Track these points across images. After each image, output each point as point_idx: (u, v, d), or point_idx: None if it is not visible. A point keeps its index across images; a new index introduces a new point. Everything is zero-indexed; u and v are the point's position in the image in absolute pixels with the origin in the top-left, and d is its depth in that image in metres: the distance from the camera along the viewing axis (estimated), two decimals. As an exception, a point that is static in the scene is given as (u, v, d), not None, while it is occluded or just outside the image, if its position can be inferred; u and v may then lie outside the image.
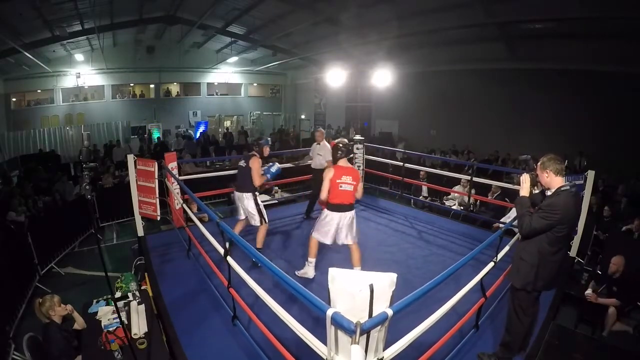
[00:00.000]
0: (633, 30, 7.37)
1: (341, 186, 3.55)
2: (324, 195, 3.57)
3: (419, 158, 10.01)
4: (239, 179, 4.15)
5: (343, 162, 3.66)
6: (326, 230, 3.61)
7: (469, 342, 2.87)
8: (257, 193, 4.12)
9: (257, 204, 4.07)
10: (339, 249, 4.62)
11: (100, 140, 14.28)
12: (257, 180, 3.99)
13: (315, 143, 5.67)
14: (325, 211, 3.66)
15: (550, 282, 2.50)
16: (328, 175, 3.55)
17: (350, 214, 3.63)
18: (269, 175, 4.16)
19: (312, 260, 3.83)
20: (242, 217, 4.23)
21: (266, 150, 4.24)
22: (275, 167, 4.31)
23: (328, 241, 3.66)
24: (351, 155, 3.75)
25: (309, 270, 3.81)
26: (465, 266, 2.49)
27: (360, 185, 3.74)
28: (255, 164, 4.00)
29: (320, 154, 5.52)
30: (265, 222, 4.14)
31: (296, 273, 3.85)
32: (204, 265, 3.91)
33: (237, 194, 4.16)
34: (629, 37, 7.63)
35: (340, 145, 3.70)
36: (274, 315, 2.15)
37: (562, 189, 2.35)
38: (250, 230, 5.03)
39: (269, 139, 4.72)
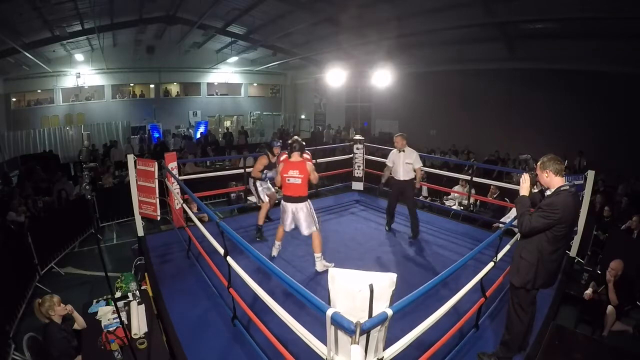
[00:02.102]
0: (633, 30, 7.37)
1: (288, 180, 3.86)
2: (277, 181, 4.04)
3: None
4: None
5: (295, 157, 3.92)
6: (284, 218, 4.00)
7: (469, 342, 2.87)
8: (259, 180, 4.90)
9: (254, 186, 5.01)
10: (339, 248, 4.64)
11: (100, 140, 14.29)
12: (253, 172, 4.88)
13: (396, 150, 4.97)
14: (282, 201, 4.04)
15: (550, 280, 2.52)
16: (279, 167, 3.95)
17: (301, 205, 3.89)
18: (263, 176, 4.80)
19: (277, 243, 4.26)
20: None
21: (276, 151, 4.83)
22: (272, 172, 4.73)
23: (287, 228, 4.03)
24: (304, 150, 3.95)
25: (273, 251, 4.27)
26: (465, 266, 2.49)
27: (314, 176, 3.95)
28: (260, 161, 4.84)
29: (409, 162, 4.88)
30: (263, 201, 4.98)
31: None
32: (204, 265, 3.91)
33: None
34: (629, 37, 7.63)
35: (291, 142, 4.03)
36: (274, 315, 2.15)
37: (562, 188, 2.37)
38: (249, 230, 5.06)
39: (280, 141, 5.17)
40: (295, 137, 4.15)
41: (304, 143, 4.01)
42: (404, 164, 4.90)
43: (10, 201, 6.56)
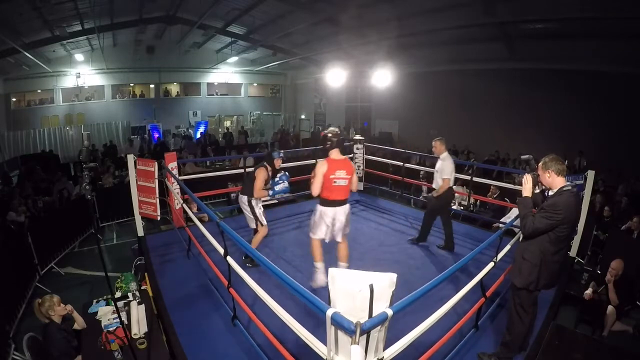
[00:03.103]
0: (633, 30, 7.37)
1: (335, 182, 3.31)
2: (316, 191, 3.33)
3: (417, 157, 9.99)
4: (245, 181, 4.24)
5: (335, 154, 3.40)
6: (322, 228, 3.45)
7: (469, 342, 2.87)
8: (255, 199, 4.03)
9: (252, 209, 4.02)
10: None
11: (100, 140, 14.29)
12: (257, 192, 3.92)
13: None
14: (319, 208, 3.47)
15: (552, 281, 2.52)
16: (321, 169, 3.28)
17: (345, 208, 3.47)
18: (271, 192, 4.01)
19: (319, 265, 3.58)
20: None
21: (277, 163, 4.14)
22: (283, 185, 4.05)
23: (327, 238, 3.51)
24: (345, 144, 3.48)
25: (318, 277, 3.50)
26: (465, 266, 2.49)
27: (355, 178, 3.51)
28: (259, 175, 3.94)
29: (438, 169, 4.49)
30: (262, 225, 4.07)
31: (311, 284, 3.56)
32: (204, 265, 3.91)
33: (239, 195, 4.20)
34: (629, 37, 7.63)
35: (330, 135, 3.40)
36: (274, 315, 2.15)
37: (565, 189, 2.36)
38: (249, 230, 5.04)
39: (282, 152, 4.39)
40: (332, 128, 3.58)
41: (342, 137, 3.47)
42: (436, 171, 4.54)
43: (10, 201, 6.56)
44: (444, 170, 4.38)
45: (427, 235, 4.76)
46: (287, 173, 4.18)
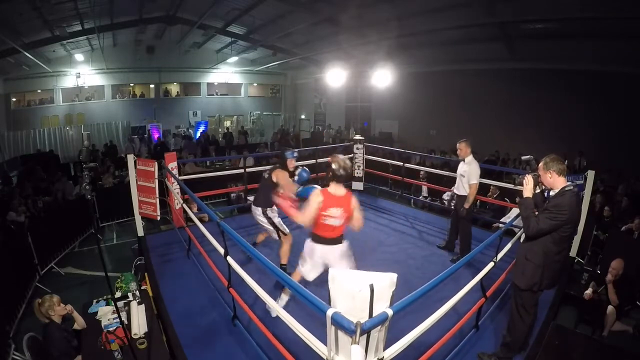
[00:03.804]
0: (633, 30, 7.37)
1: (325, 220, 2.72)
2: (305, 221, 2.71)
3: (418, 157, 10.00)
4: (257, 191, 3.95)
5: (334, 188, 2.73)
6: (307, 266, 2.90)
7: (469, 342, 2.87)
8: (269, 208, 3.74)
9: (269, 219, 3.74)
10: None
11: (100, 140, 14.29)
12: (289, 189, 3.42)
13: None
14: (307, 242, 2.91)
15: (554, 281, 2.53)
16: (316, 199, 2.69)
17: (338, 248, 2.84)
18: (299, 192, 3.37)
19: (285, 297, 3.04)
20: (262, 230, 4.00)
21: (291, 164, 3.81)
22: (306, 173, 3.76)
23: (310, 277, 2.93)
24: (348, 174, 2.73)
25: (277, 307, 2.38)
26: (465, 266, 2.49)
27: (357, 214, 2.81)
28: (281, 175, 3.64)
29: (463, 174, 4.20)
30: (285, 234, 3.76)
31: (266, 307, 3.03)
32: (204, 265, 3.91)
33: (252, 207, 3.91)
34: (629, 37, 7.63)
35: (334, 166, 2.68)
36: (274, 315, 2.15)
37: (566, 189, 2.36)
38: (249, 230, 5.03)
39: (295, 151, 3.97)
40: (342, 157, 2.76)
41: (349, 172, 2.76)
42: (459, 175, 4.27)
43: (10, 201, 6.56)
44: (471, 174, 4.11)
45: (470, 245, 4.32)
46: (305, 168, 3.87)
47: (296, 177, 3.77)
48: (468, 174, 4.13)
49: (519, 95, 10.84)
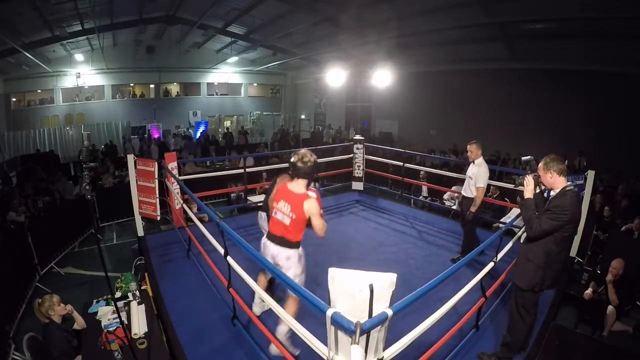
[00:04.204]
0: (633, 30, 7.38)
1: (275, 213, 2.58)
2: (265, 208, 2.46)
3: (418, 157, 10.00)
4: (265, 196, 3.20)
5: (294, 183, 2.56)
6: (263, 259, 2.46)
7: (469, 342, 2.87)
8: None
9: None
10: (339, 248, 4.63)
11: (100, 141, 14.30)
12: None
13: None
14: (264, 237, 2.76)
15: (554, 280, 2.53)
16: (277, 184, 2.59)
17: (283, 251, 2.57)
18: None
19: (257, 299, 2.94)
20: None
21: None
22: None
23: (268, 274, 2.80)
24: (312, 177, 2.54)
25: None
26: (465, 266, 2.48)
27: (316, 222, 2.51)
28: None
29: (471, 176, 4.13)
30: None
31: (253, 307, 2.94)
32: (204, 265, 3.91)
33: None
34: (629, 37, 7.63)
35: (293, 158, 2.54)
36: (274, 315, 2.15)
37: (567, 189, 2.36)
38: (249, 230, 5.03)
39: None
40: (304, 151, 2.59)
41: (317, 165, 2.59)
42: (468, 177, 4.19)
43: (10, 201, 6.56)
44: (479, 177, 4.02)
45: (472, 248, 4.35)
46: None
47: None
48: (476, 177, 4.06)
49: (519, 95, 10.83)
